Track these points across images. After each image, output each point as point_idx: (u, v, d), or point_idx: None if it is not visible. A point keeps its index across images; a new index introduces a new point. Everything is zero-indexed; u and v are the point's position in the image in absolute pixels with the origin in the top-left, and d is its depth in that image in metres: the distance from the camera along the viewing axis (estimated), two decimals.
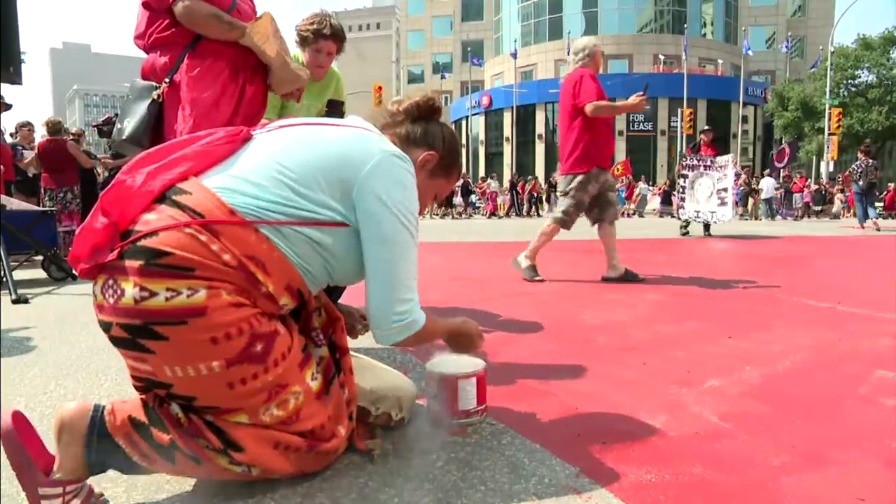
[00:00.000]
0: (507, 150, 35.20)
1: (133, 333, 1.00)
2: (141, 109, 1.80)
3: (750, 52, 31.20)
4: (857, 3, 23.88)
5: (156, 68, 1.84)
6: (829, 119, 23.12)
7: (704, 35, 36.91)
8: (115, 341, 1.04)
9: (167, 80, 1.79)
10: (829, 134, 23.08)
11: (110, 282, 1.01)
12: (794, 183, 19.43)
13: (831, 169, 23.38)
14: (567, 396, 1.67)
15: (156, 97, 1.79)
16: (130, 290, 0.99)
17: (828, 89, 24.95)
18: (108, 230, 1.03)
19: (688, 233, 8.64)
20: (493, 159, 36.78)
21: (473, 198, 21.83)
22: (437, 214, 20.19)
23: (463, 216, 20.15)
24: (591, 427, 1.45)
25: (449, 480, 1.19)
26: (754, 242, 7.65)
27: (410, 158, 1.26)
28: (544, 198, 21.73)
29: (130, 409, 1.07)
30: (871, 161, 10.97)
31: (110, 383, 1.85)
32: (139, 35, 1.86)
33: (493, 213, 21.11)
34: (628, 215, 19.36)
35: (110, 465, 1.06)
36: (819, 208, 19.96)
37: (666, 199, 19.89)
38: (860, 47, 29.01)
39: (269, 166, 1.13)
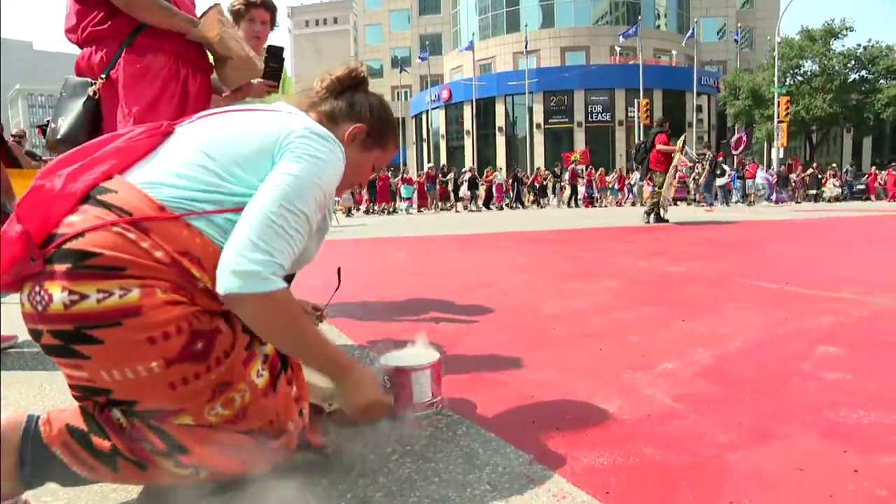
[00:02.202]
0: (469, 144, 35.27)
1: (65, 339, 0.96)
2: (76, 107, 1.72)
3: (692, 37, 32.00)
4: None
5: (91, 64, 1.76)
6: (778, 107, 23.91)
7: (658, 27, 37.65)
8: (48, 349, 0.99)
9: (103, 76, 1.72)
10: (779, 121, 23.87)
11: (37, 288, 0.97)
12: (747, 170, 20.00)
13: (781, 155, 24.18)
14: (522, 385, 1.69)
15: (91, 94, 1.72)
16: (59, 294, 0.95)
17: (776, 78, 25.78)
18: (23, 239, 0.97)
19: (649, 221, 8.80)
20: (455, 153, 36.81)
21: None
22: (447, 208, 19.92)
23: (469, 208, 19.96)
24: (545, 414, 1.47)
25: (403, 473, 1.18)
26: (711, 228, 7.86)
27: (339, 134, 1.23)
28: (549, 188, 21.68)
29: (68, 416, 1.02)
30: (712, 154, 15.07)
31: (56, 392, 1.78)
32: (71, 28, 1.78)
33: (485, 204, 20.83)
34: (619, 204, 19.65)
35: (48, 477, 1.02)
36: (814, 192, 20.48)
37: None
38: (804, 38, 30.11)
39: (193, 156, 1.09)
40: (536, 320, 2.54)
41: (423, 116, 39.25)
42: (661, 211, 8.77)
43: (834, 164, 22.98)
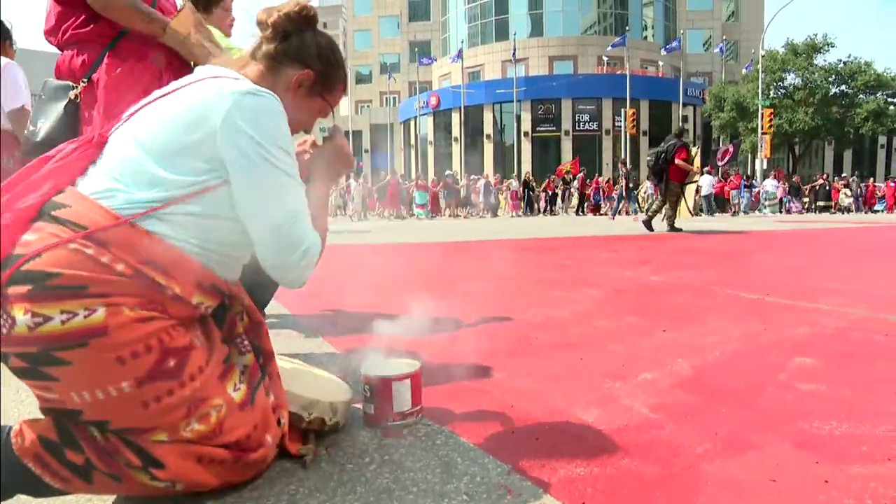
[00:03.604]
0: (456, 150, 35.37)
1: (32, 362, 0.95)
2: (56, 110, 1.71)
3: (678, 49, 32.43)
4: (783, 10, 25.13)
5: (72, 67, 1.75)
6: (762, 119, 24.27)
7: (646, 38, 38.10)
8: (17, 372, 0.98)
9: (85, 79, 1.71)
10: (763, 133, 24.23)
11: (0, 312, 0.95)
12: (731, 180, 20.25)
13: (765, 167, 24.53)
14: (502, 394, 1.69)
15: (73, 97, 1.71)
16: (22, 317, 0.93)
17: (759, 91, 26.18)
18: None
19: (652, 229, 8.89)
20: (442, 159, 36.88)
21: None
22: (460, 214, 19.87)
23: (482, 215, 19.95)
24: (524, 424, 1.47)
25: (381, 483, 1.18)
26: (696, 238, 7.94)
27: (284, 80, 1.20)
28: (559, 196, 21.74)
29: (41, 428, 1.01)
30: (629, 169, 17.69)
31: (33, 399, 1.75)
32: (50, 30, 1.76)
33: (489, 212, 20.84)
34: (627, 212, 19.81)
35: (19, 490, 1.01)
36: (824, 203, 20.58)
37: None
38: (787, 52, 30.66)
39: (131, 156, 1.06)
40: (518, 329, 2.55)
41: (412, 123, 39.29)
42: (675, 220, 8.91)
43: (845, 174, 23.18)
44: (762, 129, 24.20)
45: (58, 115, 1.72)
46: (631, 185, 17.63)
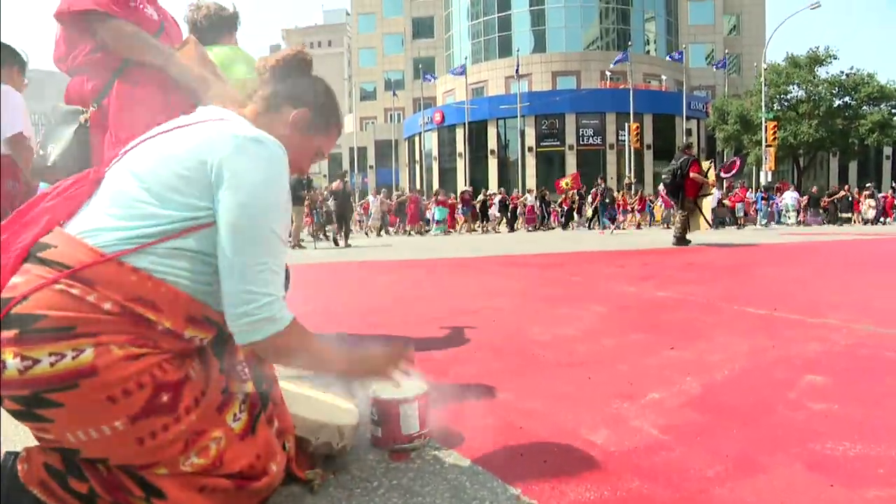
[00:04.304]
0: (461, 166, 35.52)
1: (26, 405, 0.95)
2: (67, 135, 1.73)
3: (678, 57, 32.65)
4: (785, 24, 25.28)
5: (83, 92, 1.78)
6: (766, 132, 24.30)
7: (648, 52, 38.32)
8: (13, 414, 0.98)
9: (95, 104, 1.74)
10: (767, 146, 24.24)
11: None
12: (736, 193, 20.22)
13: (769, 179, 24.50)
14: (510, 415, 1.68)
15: (83, 122, 1.73)
16: (11, 360, 0.93)
17: (763, 104, 26.24)
18: None
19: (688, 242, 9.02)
20: (447, 175, 37.04)
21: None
22: (477, 230, 19.88)
23: (497, 230, 19.97)
24: (533, 446, 1.46)
25: None
26: (700, 251, 7.91)
27: (281, 119, 1.21)
28: (575, 210, 21.77)
29: (46, 456, 1.02)
30: (604, 186, 17.78)
31: None
32: (60, 57, 1.80)
33: (511, 226, 21.02)
34: (639, 226, 19.85)
35: None
36: (848, 215, 20.43)
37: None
38: (789, 65, 30.74)
39: (126, 190, 1.06)
40: (524, 347, 2.54)
41: (416, 139, 39.50)
42: (686, 232, 9.03)
43: (869, 184, 22.97)
44: (766, 141, 24.21)
45: (68, 139, 1.74)
46: (608, 201, 17.82)
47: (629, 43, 33.32)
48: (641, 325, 2.95)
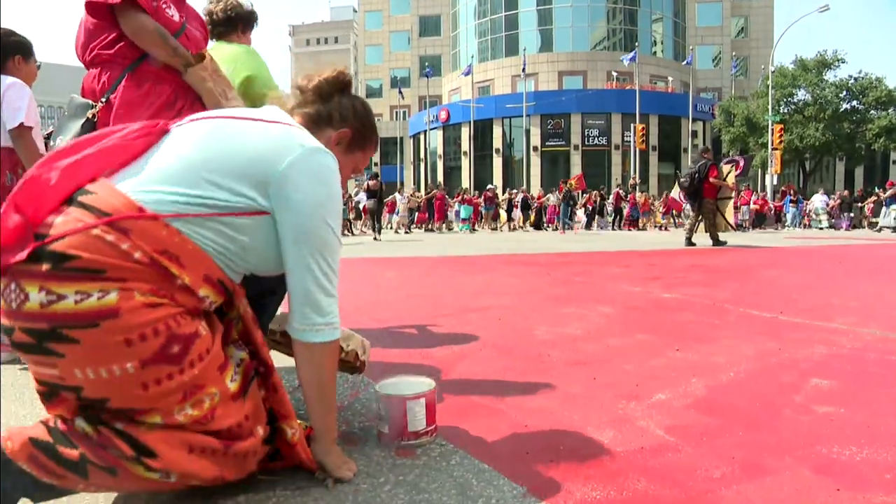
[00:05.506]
0: (465, 164, 35.49)
1: (39, 338, 0.98)
2: (75, 128, 1.75)
3: (689, 63, 32.57)
4: (793, 27, 25.21)
5: (95, 87, 1.79)
6: (772, 134, 24.20)
7: (655, 53, 38.20)
8: (18, 346, 1.01)
9: (103, 99, 1.75)
10: (773, 148, 24.14)
11: (13, 285, 0.98)
12: (742, 196, 20.14)
13: (775, 182, 24.42)
14: (517, 413, 1.68)
15: (90, 116, 1.74)
16: (35, 294, 0.96)
17: (770, 106, 26.14)
18: (21, 229, 1.00)
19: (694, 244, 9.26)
20: (452, 173, 37.04)
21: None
22: (501, 229, 19.93)
23: (523, 229, 19.99)
24: (539, 444, 1.47)
25: None
26: (706, 253, 7.90)
27: (323, 137, 1.27)
28: (596, 210, 21.76)
29: (31, 431, 1.03)
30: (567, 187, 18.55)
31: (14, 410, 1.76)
32: (81, 46, 1.81)
33: (535, 225, 20.91)
34: (665, 228, 19.78)
35: (15, 495, 1.01)
36: (875, 220, 20.27)
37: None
38: (797, 68, 30.62)
39: (183, 160, 1.12)
40: (529, 346, 2.54)
41: (421, 137, 39.50)
42: (718, 234, 9.29)
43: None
44: (772, 144, 24.12)
45: (75, 133, 1.75)
46: (573, 203, 18.52)
47: (636, 44, 33.24)
48: (647, 326, 2.95)
